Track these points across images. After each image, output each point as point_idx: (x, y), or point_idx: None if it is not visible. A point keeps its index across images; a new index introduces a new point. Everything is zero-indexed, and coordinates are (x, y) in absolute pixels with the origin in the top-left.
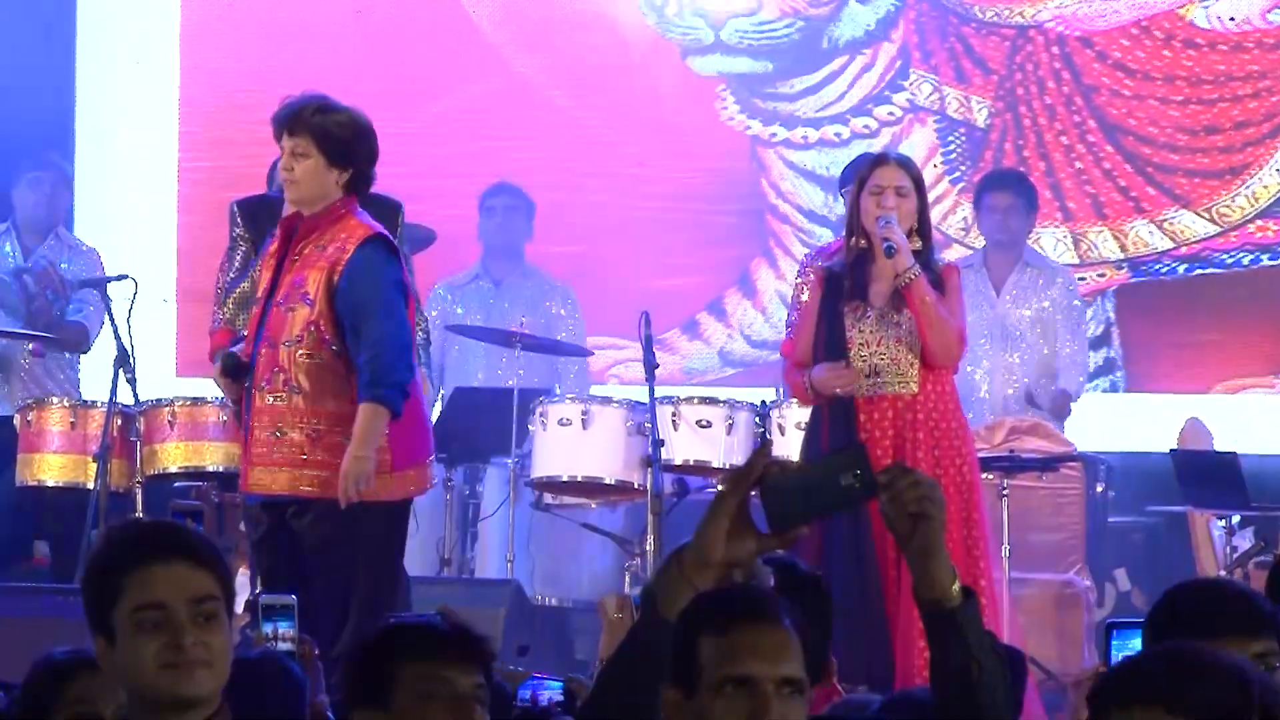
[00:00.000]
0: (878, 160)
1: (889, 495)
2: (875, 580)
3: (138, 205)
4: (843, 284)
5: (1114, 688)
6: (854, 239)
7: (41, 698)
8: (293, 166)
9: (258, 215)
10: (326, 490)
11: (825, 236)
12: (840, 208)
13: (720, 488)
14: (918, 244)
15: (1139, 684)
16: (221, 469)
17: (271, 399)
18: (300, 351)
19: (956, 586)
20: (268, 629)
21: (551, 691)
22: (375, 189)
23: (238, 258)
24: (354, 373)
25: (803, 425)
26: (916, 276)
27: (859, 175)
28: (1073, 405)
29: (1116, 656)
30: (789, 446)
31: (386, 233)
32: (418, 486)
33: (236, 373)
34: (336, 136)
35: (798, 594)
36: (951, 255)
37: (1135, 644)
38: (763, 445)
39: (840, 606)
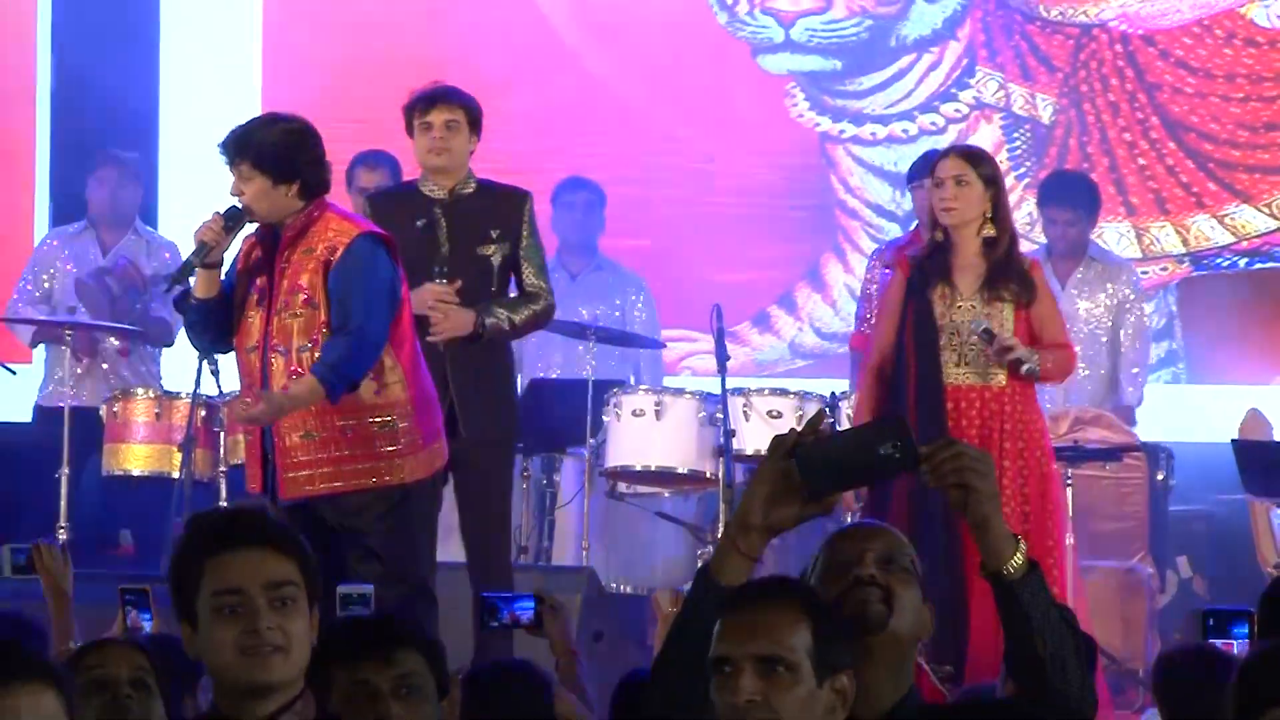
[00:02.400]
0: (941, 154)
1: (929, 466)
2: (959, 560)
3: (221, 200)
4: (928, 272)
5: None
6: (932, 232)
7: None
8: (242, 191)
9: (388, 207)
10: (367, 480)
11: (893, 231)
12: (908, 203)
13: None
14: (991, 231)
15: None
16: None
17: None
18: (316, 355)
19: (1019, 560)
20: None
21: (527, 609)
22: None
23: None
24: (377, 357)
25: None
26: (1037, 370)
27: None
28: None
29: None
30: None
31: (379, 230)
32: (441, 460)
33: (235, 223)
34: (267, 158)
35: None
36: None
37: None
38: (817, 414)
39: (928, 584)
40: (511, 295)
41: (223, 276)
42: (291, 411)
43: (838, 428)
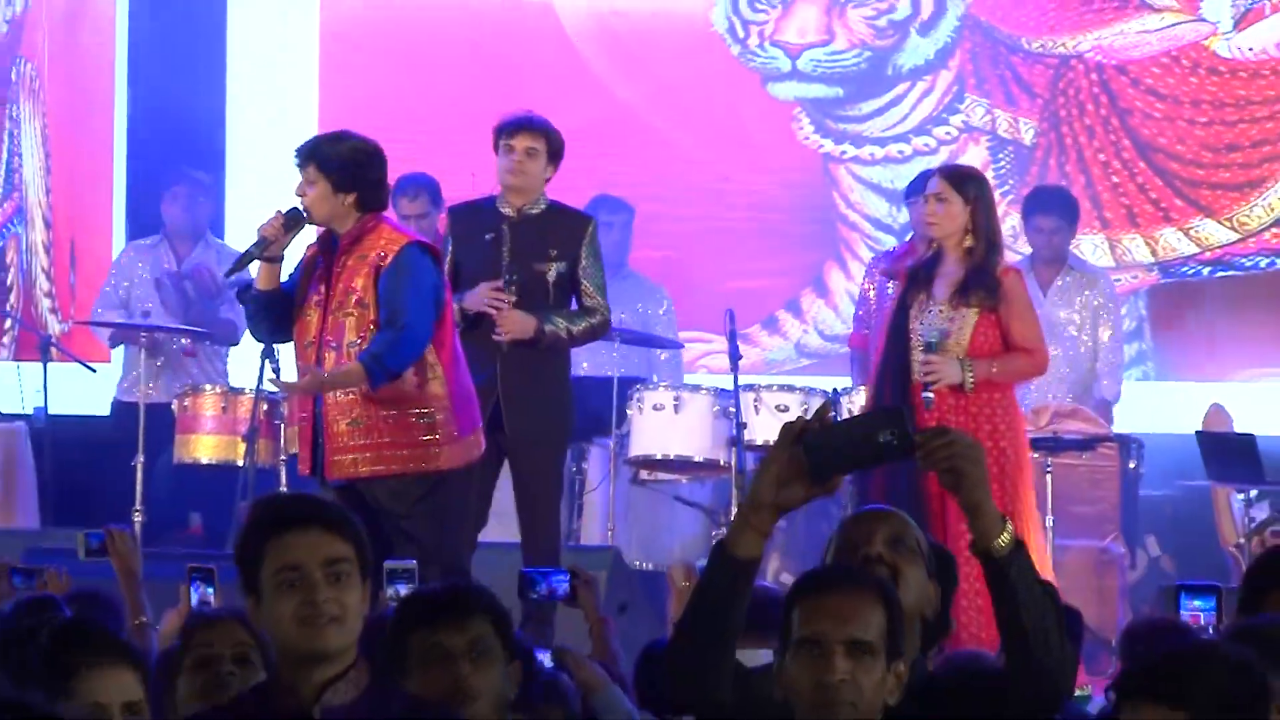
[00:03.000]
0: (929, 174)
1: (923, 453)
2: (925, 529)
3: None
4: (915, 281)
5: (1129, 685)
6: (924, 243)
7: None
8: (305, 193)
9: (466, 217)
10: (407, 465)
11: (889, 242)
12: (904, 216)
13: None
14: (969, 242)
15: (1150, 682)
16: None
17: (343, 394)
18: (362, 350)
19: (1006, 538)
20: (390, 591)
21: (563, 582)
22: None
23: (447, 255)
24: (420, 353)
25: None
26: (972, 383)
27: None
28: (1111, 404)
29: (1185, 615)
30: None
31: (427, 240)
32: (478, 450)
33: (294, 223)
34: (329, 167)
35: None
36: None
37: (1198, 604)
38: (823, 405)
39: None
40: (572, 308)
41: (284, 278)
42: (332, 389)
43: (839, 419)
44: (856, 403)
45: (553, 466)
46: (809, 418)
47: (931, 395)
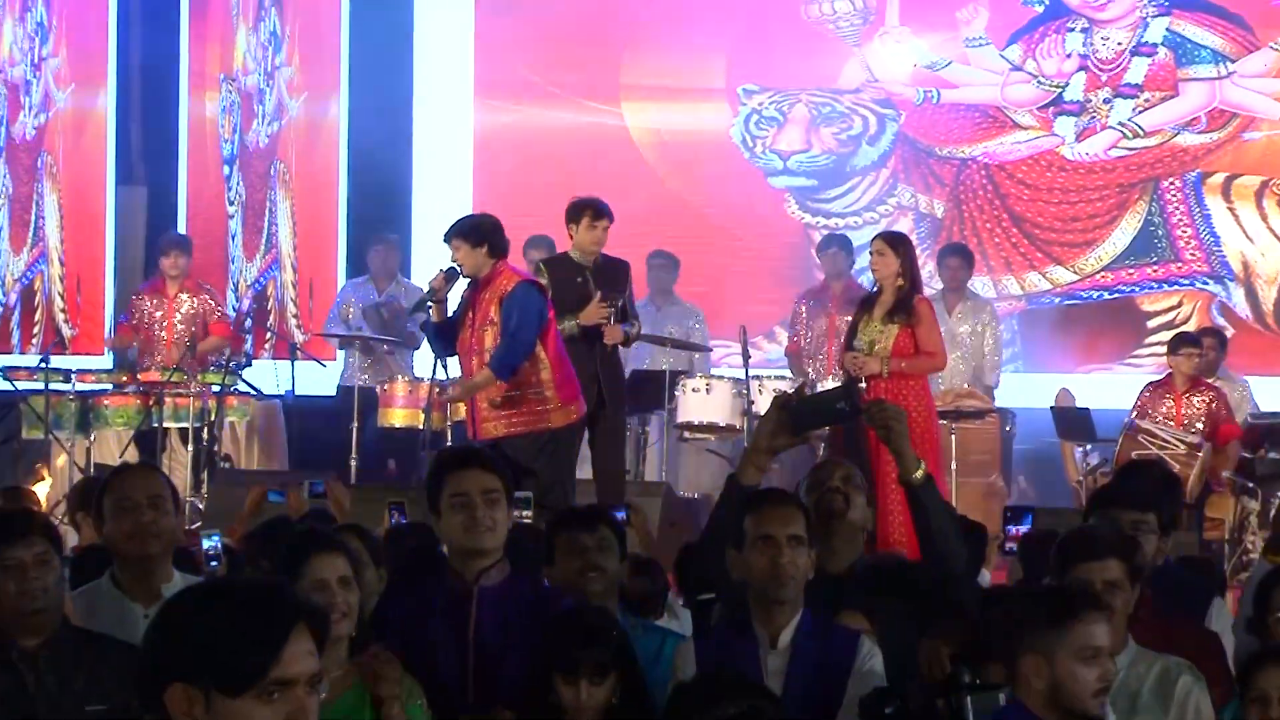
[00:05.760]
0: (874, 237)
1: (866, 416)
2: (869, 468)
3: (445, 262)
4: (864, 306)
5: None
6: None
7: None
8: (456, 258)
9: (558, 266)
10: (528, 427)
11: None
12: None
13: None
14: (900, 282)
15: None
16: None
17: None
18: (491, 357)
19: (920, 474)
20: (517, 513)
21: (620, 513)
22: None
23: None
24: (526, 360)
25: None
26: (889, 372)
27: None
28: (994, 388)
29: (1011, 530)
30: None
31: (535, 279)
32: (578, 413)
33: (452, 277)
34: (468, 236)
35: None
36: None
37: (1023, 522)
38: (800, 385)
39: None
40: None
41: (450, 313)
42: (475, 393)
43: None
44: (819, 388)
45: (624, 426)
46: (791, 393)
47: (864, 384)
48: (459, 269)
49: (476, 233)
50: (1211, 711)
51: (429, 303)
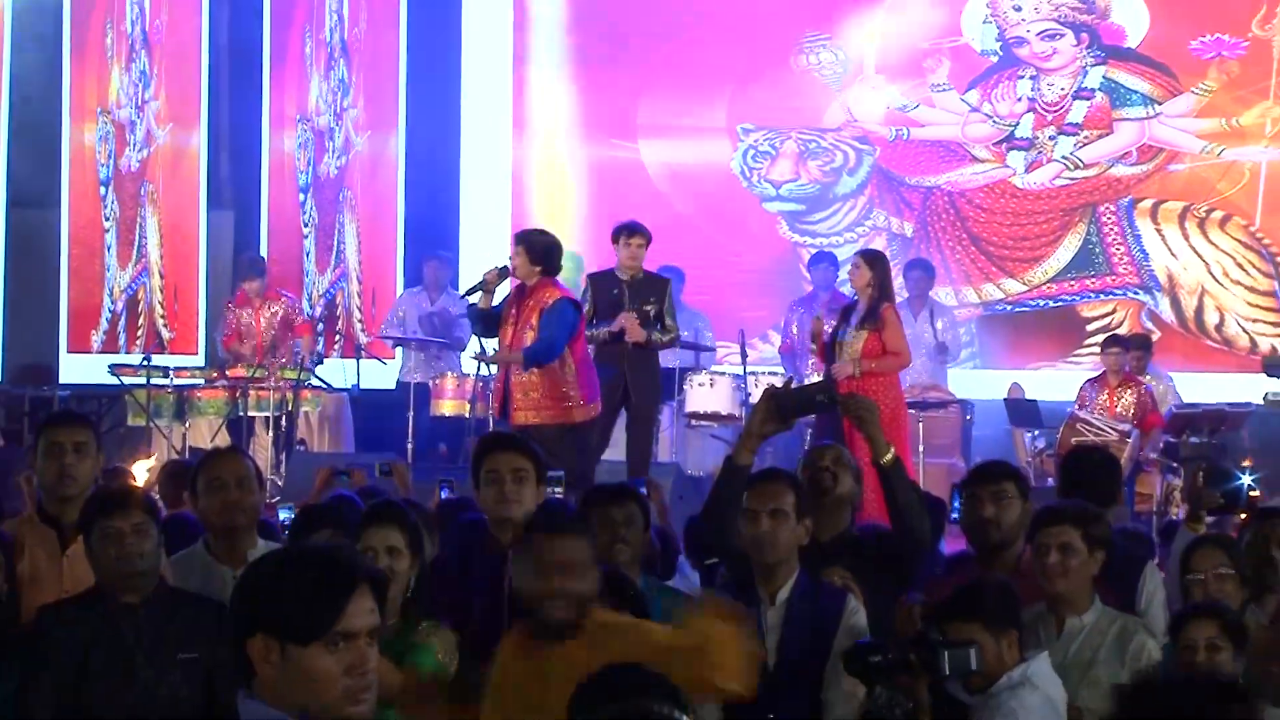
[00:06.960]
0: (821, 256)
1: (842, 407)
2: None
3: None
4: (843, 314)
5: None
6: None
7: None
8: (514, 258)
9: (600, 281)
10: (555, 418)
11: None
12: (842, 275)
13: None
14: (874, 293)
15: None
16: None
17: (524, 376)
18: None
19: (890, 457)
20: (547, 490)
21: (641, 485)
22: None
23: (586, 306)
24: (553, 361)
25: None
26: (860, 373)
27: None
28: (951, 369)
29: (958, 500)
30: None
31: (573, 296)
32: (596, 412)
33: (503, 273)
34: (531, 249)
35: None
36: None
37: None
38: (788, 380)
39: None
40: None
41: (494, 304)
42: (508, 364)
43: (796, 386)
44: (810, 379)
45: (652, 416)
46: (779, 385)
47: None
48: (511, 270)
49: (539, 249)
50: (1159, 659)
51: (478, 288)
